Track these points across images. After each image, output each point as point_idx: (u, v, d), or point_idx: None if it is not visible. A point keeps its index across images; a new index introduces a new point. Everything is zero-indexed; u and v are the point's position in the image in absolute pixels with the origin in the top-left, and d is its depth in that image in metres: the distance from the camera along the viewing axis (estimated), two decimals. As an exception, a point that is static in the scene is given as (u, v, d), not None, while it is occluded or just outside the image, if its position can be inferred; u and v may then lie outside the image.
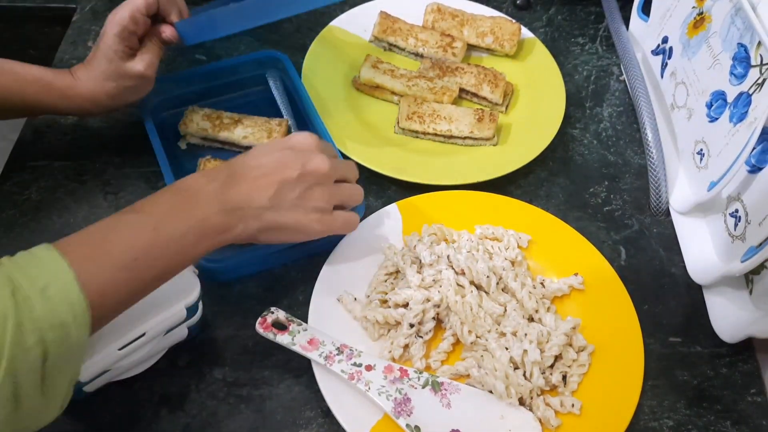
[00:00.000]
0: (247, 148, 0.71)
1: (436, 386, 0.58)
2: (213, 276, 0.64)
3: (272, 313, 0.60)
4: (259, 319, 0.60)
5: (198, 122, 0.73)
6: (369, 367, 0.58)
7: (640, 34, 0.82)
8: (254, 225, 0.55)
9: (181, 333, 0.58)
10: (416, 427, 0.55)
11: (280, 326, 0.60)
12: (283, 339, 0.59)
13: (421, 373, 0.59)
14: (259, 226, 0.55)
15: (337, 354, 0.58)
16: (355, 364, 0.58)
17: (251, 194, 0.54)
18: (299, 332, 0.59)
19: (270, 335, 0.59)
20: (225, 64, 0.79)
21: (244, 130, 0.72)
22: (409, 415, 0.56)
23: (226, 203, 0.53)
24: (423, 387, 0.58)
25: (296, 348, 0.58)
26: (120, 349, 0.53)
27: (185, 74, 0.78)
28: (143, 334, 0.54)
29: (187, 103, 0.74)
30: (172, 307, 0.55)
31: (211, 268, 0.62)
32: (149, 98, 0.70)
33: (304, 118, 0.75)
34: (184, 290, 0.56)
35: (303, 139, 0.59)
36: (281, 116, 0.75)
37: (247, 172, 0.55)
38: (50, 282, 0.43)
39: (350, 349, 0.59)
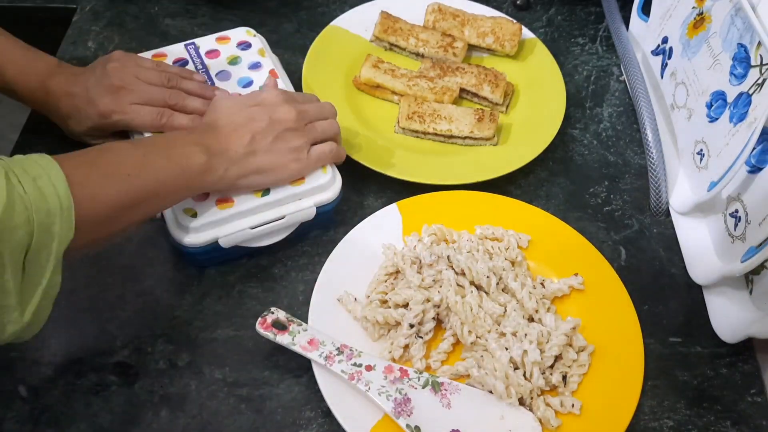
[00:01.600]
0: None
1: (437, 386, 0.58)
2: (198, 261, 0.65)
3: (272, 313, 0.60)
4: (260, 319, 0.60)
5: None
6: (369, 367, 0.58)
7: (640, 35, 0.82)
8: (234, 170, 0.60)
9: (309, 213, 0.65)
10: (416, 427, 0.55)
11: (280, 326, 0.60)
12: (283, 339, 0.59)
13: (421, 373, 0.59)
14: (238, 172, 0.60)
15: (337, 354, 0.58)
16: (355, 365, 0.58)
17: (228, 143, 0.60)
18: (299, 332, 0.59)
19: (270, 335, 0.59)
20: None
21: None
22: (409, 416, 0.56)
23: (206, 148, 0.58)
24: (423, 387, 0.58)
25: (296, 348, 0.58)
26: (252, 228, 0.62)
27: None
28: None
29: None
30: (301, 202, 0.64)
31: (194, 252, 0.62)
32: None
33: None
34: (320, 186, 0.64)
35: (268, 95, 0.64)
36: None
37: (221, 127, 0.61)
38: (41, 174, 0.46)
39: (350, 350, 0.59)
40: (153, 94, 0.67)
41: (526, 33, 0.87)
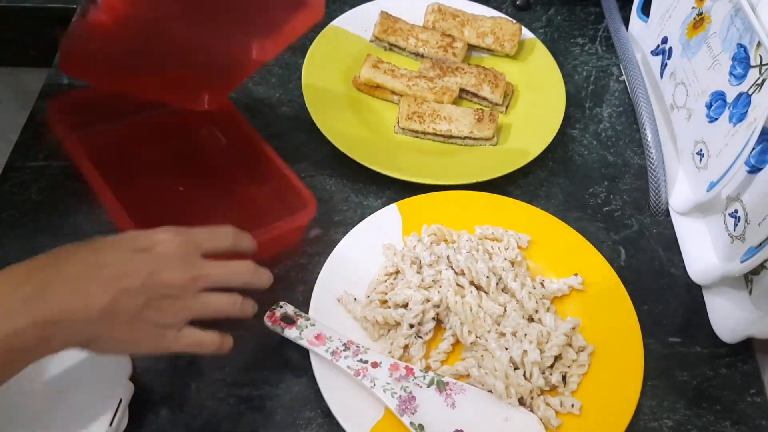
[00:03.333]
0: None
1: (442, 386, 0.58)
2: None
3: (281, 307, 0.60)
4: (268, 312, 0.60)
5: None
6: (375, 364, 0.58)
7: (640, 35, 0.82)
8: (78, 338, 0.46)
9: None
10: (420, 425, 0.55)
11: (288, 320, 0.60)
12: (290, 333, 0.59)
13: (426, 372, 0.59)
14: (85, 339, 0.46)
15: (344, 350, 0.58)
16: (361, 361, 0.58)
17: (75, 304, 0.44)
18: (307, 327, 0.60)
19: (278, 329, 0.59)
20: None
21: None
22: (413, 413, 0.56)
23: (40, 315, 0.43)
24: (428, 386, 0.58)
25: (303, 342, 0.59)
26: None
27: None
28: None
29: None
30: None
31: None
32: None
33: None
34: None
35: (165, 239, 0.49)
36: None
37: (78, 272, 0.46)
38: None
39: (357, 346, 0.59)
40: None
41: (526, 33, 0.87)
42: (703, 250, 0.65)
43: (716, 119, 0.63)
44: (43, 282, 0.44)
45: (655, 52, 0.78)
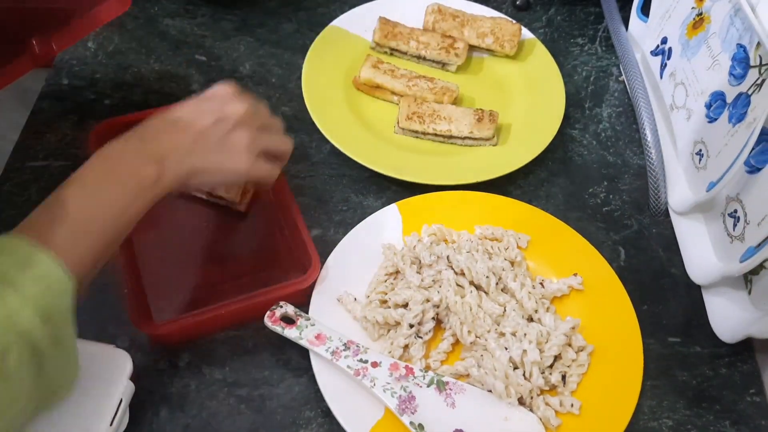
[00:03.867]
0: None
1: (441, 386, 0.58)
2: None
3: (281, 307, 0.61)
4: (268, 312, 0.60)
5: None
6: (375, 364, 0.58)
7: (640, 35, 0.82)
8: (183, 169, 0.56)
9: None
10: (420, 425, 0.55)
11: (288, 320, 0.60)
12: (290, 333, 0.59)
13: (426, 372, 0.59)
14: (188, 170, 0.56)
15: (344, 350, 0.58)
16: (361, 360, 0.58)
17: (173, 143, 0.56)
18: (307, 327, 0.60)
19: (278, 329, 0.59)
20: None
21: None
22: (413, 413, 0.56)
23: (151, 155, 0.54)
24: (428, 386, 0.58)
25: (303, 342, 0.59)
26: None
27: None
28: None
29: None
30: None
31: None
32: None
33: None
34: None
35: (219, 89, 0.60)
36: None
37: (167, 126, 0.57)
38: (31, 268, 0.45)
39: (357, 346, 0.59)
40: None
41: (526, 33, 0.87)
42: (702, 250, 0.65)
43: (716, 119, 0.63)
44: (144, 137, 0.55)
45: (654, 52, 0.78)
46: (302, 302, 0.62)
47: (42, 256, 0.46)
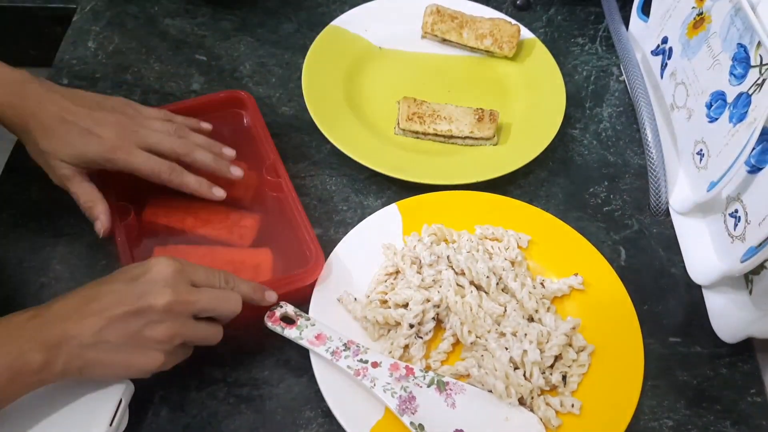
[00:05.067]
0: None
1: (442, 386, 0.58)
2: None
3: (281, 307, 0.60)
4: (268, 312, 0.60)
5: None
6: (375, 364, 0.58)
7: (640, 35, 0.82)
8: (76, 363, 0.50)
9: None
10: (420, 425, 0.55)
11: (288, 320, 0.60)
12: (290, 333, 0.59)
13: (426, 372, 0.59)
14: (82, 365, 0.50)
15: (344, 350, 0.58)
16: (361, 361, 0.58)
17: (75, 330, 0.50)
18: (307, 327, 0.60)
19: (278, 329, 0.59)
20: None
21: None
22: (413, 413, 0.56)
23: (45, 341, 0.49)
24: (428, 386, 0.58)
25: (303, 342, 0.59)
26: None
27: None
28: None
29: None
30: None
31: None
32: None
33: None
34: None
35: (158, 269, 0.53)
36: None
37: (79, 306, 0.51)
38: None
39: (357, 346, 0.59)
40: (162, 141, 0.62)
41: (526, 33, 0.87)
42: (703, 250, 0.65)
43: (716, 119, 0.63)
44: (48, 314, 0.50)
45: (655, 52, 0.78)
46: (302, 302, 0.62)
47: None
